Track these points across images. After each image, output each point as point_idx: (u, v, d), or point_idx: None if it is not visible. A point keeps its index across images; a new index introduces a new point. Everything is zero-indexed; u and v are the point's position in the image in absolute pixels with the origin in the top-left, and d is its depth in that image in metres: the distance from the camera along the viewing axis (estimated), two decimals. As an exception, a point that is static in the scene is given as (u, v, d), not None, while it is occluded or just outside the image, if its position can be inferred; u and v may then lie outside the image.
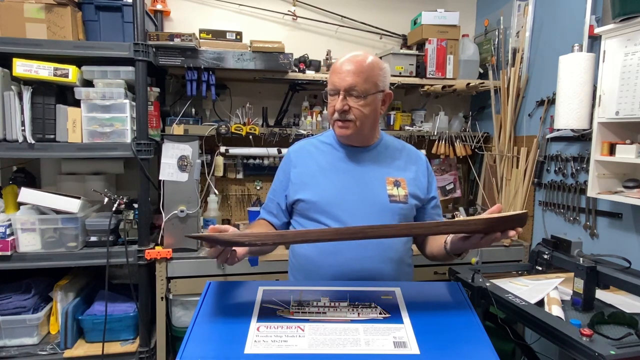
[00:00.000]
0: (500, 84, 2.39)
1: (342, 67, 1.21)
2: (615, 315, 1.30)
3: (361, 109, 1.21)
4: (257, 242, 0.94)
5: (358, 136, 1.28)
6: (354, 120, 1.22)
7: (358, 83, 1.18)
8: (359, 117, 1.22)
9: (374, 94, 1.22)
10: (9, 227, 1.80)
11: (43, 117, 1.83)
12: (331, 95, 1.24)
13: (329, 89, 1.24)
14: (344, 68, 1.20)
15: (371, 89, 1.21)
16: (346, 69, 1.20)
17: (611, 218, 1.82)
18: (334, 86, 1.22)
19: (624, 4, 1.51)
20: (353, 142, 1.31)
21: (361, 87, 1.19)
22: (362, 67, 1.19)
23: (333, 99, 1.23)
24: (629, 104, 1.55)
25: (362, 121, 1.23)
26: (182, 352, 0.81)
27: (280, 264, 2.02)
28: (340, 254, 1.22)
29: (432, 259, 1.31)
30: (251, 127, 2.26)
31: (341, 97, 1.20)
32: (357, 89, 1.19)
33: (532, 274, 1.71)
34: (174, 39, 1.98)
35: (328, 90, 1.25)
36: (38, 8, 1.83)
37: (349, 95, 1.20)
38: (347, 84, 1.19)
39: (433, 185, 1.37)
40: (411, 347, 0.83)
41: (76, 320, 1.93)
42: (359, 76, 1.18)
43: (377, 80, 1.22)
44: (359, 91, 1.19)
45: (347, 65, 1.20)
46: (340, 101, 1.20)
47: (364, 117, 1.22)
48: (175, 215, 1.97)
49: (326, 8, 2.60)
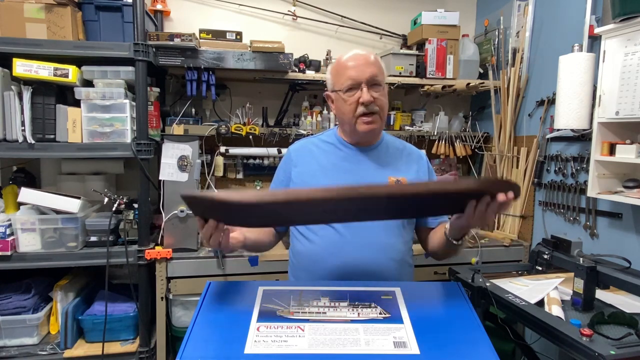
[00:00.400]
0: (500, 84, 2.39)
1: (356, 61, 1.20)
2: (615, 315, 1.30)
3: (383, 98, 1.22)
4: (251, 201, 0.87)
5: (379, 131, 1.28)
6: (379, 112, 1.22)
7: (377, 73, 1.20)
8: (382, 107, 1.23)
9: (385, 85, 1.25)
10: (9, 227, 1.80)
11: (43, 117, 1.83)
12: (349, 91, 1.21)
13: (348, 85, 1.20)
14: (358, 60, 1.20)
15: (384, 79, 1.23)
16: (361, 60, 1.20)
17: (611, 218, 1.82)
18: (353, 80, 1.19)
19: (624, 4, 1.51)
20: (364, 140, 1.30)
21: (380, 76, 1.21)
22: (373, 60, 1.22)
23: (352, 94, 1.20)
24: (629, 104, 1.55)
25: (384, 112, 1.24)
26: (182, 352, 0.81)
27: (280, 264, 2.02)
28: (341, 255, 1.22)
29: (434, 256, 1.32)
30: (251, 127, 2.26)
31: (365, 88, 1.19)
32: (378, 78, 1.20)
33: (532, 274, 1.71)
34: (174, 39, 1.98)
35: (345, 87, 1.21)
36: (38, 8, 1.83)
37: (370, 86, 1.19)
38: (368, 75, 1.19)
39: None
40: (411, 347, 0.83)
41: (76, 320, 1.93)
42: (375, 66, 1.21)
43: (384, 72, 1.25)
44: (380, 80, 1.20)
45: (359, 59, 1.21)
46: (366, 92, 1.18)
47: (385, 107, 1.24)
48: (175, 215, 1.97)
49: (326, 8, 2.60)
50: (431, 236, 1.30)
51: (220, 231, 1.00)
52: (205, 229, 0.99)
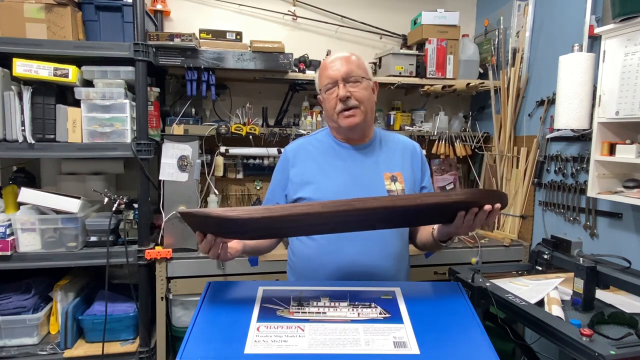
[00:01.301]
0: (500, 84, 2.39)
1: (332, 62, 1.27)
2: (615, 315, 1.30)
3: (362, 91, 1.26)
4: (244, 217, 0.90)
5: (363, 125, 1.29)
6: (358, 105, 1.25)
7: (352, 69, 1.25)
8: (362, 100, 1.25)
9: (367, 80, 1.28)
10: (9, 227, 1.80)
11: (43, 117, 1.82)
12: (328, 90, 1.27)
13: (325, 85, 1.27)
14: (334, 62, 1.27)
15: (363, 74, 1.27)
16: (337, 60, 1.27)
17: (611, 218, 1.82)
18: (330, 79, 1.26)
19: (624, 4, 1.51)
20: (354, 135, 1.31)
21: (356, 72, 1.25)
22: (350, 58, 1.27)
23: (331, 92, 1.26)
24: (629, 104, 1.55)
25: (366, 105, 1.27)
26: (182, 352, 0.81)
27: (280, 264, 2.02)
28: (340, 251, 1.23)
29: (422, 248, 1.39)
30: (251, 127, 2.26)
31: (341, 85, 1.24)
32: (353, 74, 1.25)
33: (532, 274, 1.71)
34: (174, 39, 1.98)
35: (323, 87, 1.28)
36: (38, 8, 1.83)
37: (347, 82, 1.24)
38: (343, 72, 1.24)
39: (426, 175, 1.40)
40: (411, 347, 0.83)
41: (76, 320, 1.93)
42: (350, 64, 1.26)
43: (365, 68, 1.30)
44: (356, 76, 1.25)
45: (335, 60, 1.27)
46: (342, 88, 1.24)
47: (366, 99, 1.26)
48: (175, 215, 1.97)
49: (326, 8, 2.60)
50: (420, 232, 1.34)
51: (218, 245, 1.02)
52: (204, 244, 1.01)
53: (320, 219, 0.94)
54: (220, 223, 0.94)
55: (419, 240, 1.35)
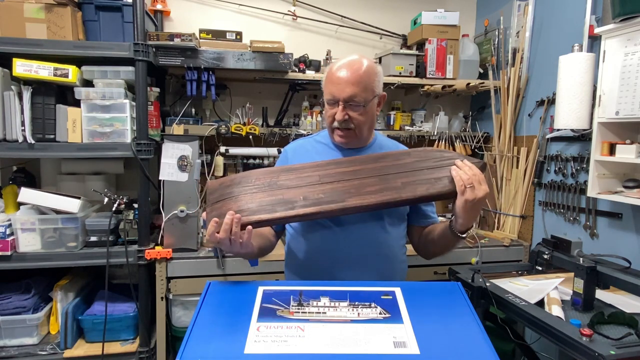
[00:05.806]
0: (500, 84, 2.39)
1: (340, 76, 1.18)
2: (615, 315, 1.30)
3: (361, 117, 1.21)
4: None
5: (357, 142, 1.29)
6: (354, 128, 1.23)
7: (357, 93, 1.17)
8: (358, 125, 1.22)
9: (371, 101, 1.22)
10: (9, 227, 1.80)
11: (43, 117, 1.82)
12: (329, 103, 1.23)
13: (327, 99, 1.23)
14: (341, 77, 1.18)
15: (369, 96, 1.20)
16: (344, 78, 1.17)
17: (611, 218, 1.82)
18: (332, 96, 1.20)
19: (624, 4, 1.51)
20: (347, 147, 1.32)
21: (360, 96, 1.18)
22: (360, 76, 1.17)
23: (331, 107, 1.22)
24: (629, 104, 1.55)
25: (361, 128, 1.24)
26: (182, 352, 0.81)
27: (280, 264, 2.00)
28: (335, 253, 1.24)
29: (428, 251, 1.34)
30: (251, 127, 2.26)
31: (341, 107, 1.19)
32: (357, 99, 1.18)
33: (532, 274, 1.71)
34: (174, 39, 1.98)
35: (326, 100, 1.24)
36: (38, 8, 1.83)
37: (348, 105, 1.19)
38: (346, 94, 1.17)
39: None
40: (411, 347, 0.83)
41: (76, 320, 1.93)
42: (357, 86, 1.17)
43: (374, 87, 1.22)
44: (359, 101, 1.18)
45: (344, 72, 1.18)
46: (341, 112, 1.19)
47: (363, 124, 1.23)
48: (175, 215, 1.97)
49: (326, 8, 2.60)
50: (429, 230, 1.32)
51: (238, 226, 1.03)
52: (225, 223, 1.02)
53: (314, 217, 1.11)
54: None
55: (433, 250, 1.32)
